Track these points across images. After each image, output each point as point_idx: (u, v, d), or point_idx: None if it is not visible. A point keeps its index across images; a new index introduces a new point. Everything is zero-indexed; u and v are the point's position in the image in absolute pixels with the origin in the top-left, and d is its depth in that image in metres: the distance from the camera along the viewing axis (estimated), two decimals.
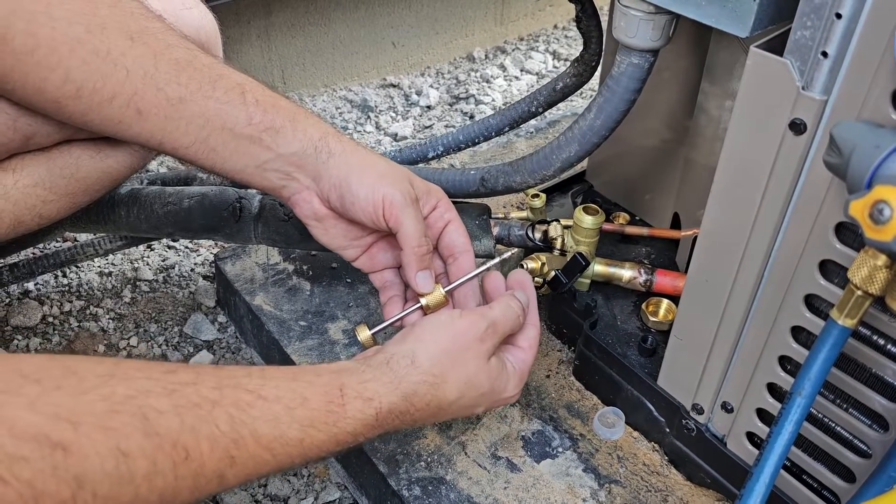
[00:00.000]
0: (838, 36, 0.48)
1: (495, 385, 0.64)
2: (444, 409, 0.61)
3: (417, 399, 0.58)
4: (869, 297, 0.47)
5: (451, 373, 0.60)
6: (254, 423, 0.48)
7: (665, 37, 0.68)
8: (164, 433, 0.42)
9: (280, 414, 0.49)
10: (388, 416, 0.56)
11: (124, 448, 0.40)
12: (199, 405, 0.45)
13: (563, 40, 1.99)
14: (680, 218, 0.94)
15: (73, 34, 0.57)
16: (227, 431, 0.46)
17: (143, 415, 0.42)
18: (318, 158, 0.65)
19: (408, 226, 0.65)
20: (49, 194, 0.65)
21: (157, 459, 0.41)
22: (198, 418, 0.45)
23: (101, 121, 0.60)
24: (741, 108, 0.56)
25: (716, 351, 0.67)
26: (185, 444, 0.43)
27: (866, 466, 0.58)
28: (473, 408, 0.64)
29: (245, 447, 0.47)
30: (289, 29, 1.55)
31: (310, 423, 0.51)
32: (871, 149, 0.42)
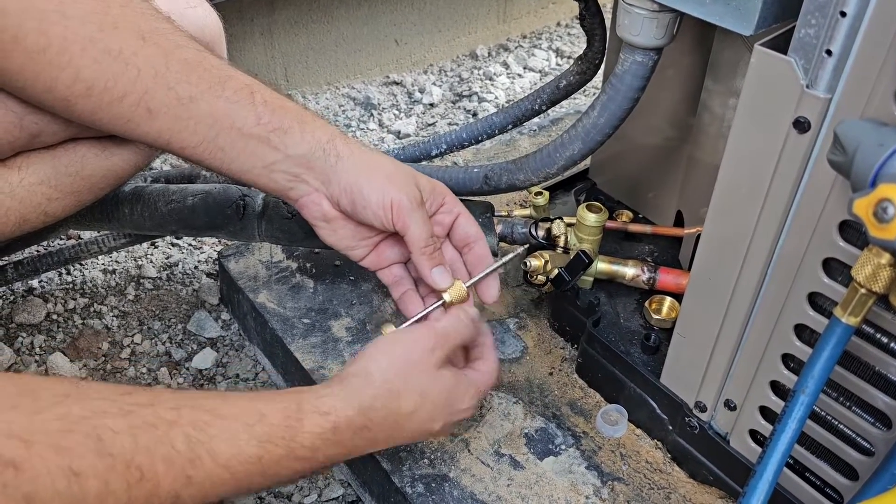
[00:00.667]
0: (843, 34, 0.48)
1: (450, 396, 0.64)
2: (402, 423, 0.61)
3: (374, 413, 0.58)
4: (872, 296, 0.47)
5: (405, 385, 0.61)
6: (211, 441, 0.47)
7: (669, 35, 0.68)
8: (118, 454, 0.42)
9: (238, 431, 0.49)
10: (347, 431, 0.56)
11: (76, 468, 0.40)
12: (155, 426, 0.45)
13: (565, 38, 1.99)
14: (683, 216, 0.94)
15: (85, 33, 0.57)
16: (184, 451, 0.46)
17: (97, 435, 0.42)
18: (326, 161, 0.66)
19: (413, 229, 0.66)
20: (54, 192, 0.65)
21: (110, 480, 0.41)
22: (154, 439, 0.45)
23: (110, 119, 0.60)
24: (745, 107, 0.56)
25: (719, 349, 0.67)
26: (139, 464, 0.43)
27: (869, 464, 0.58)
28: (431, 422, 0.63)
29: (202, 467, 0.46)
30: (292, 26, 1.55)
31: (268, 438, 0.51)
32: (875, 147, 0.42)
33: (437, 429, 0.64)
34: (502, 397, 0.82)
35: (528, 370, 0.86)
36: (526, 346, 0.89)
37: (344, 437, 0.56)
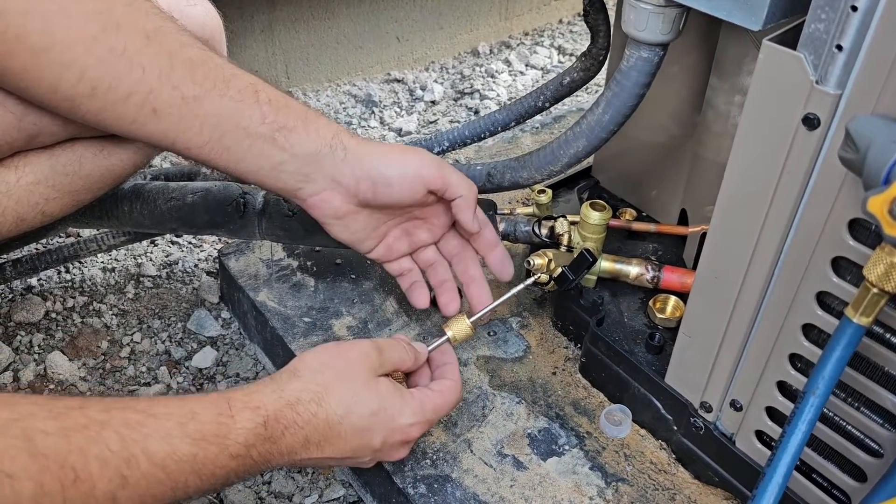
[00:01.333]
0: (854, 29, 0.47)
1: (387, 405, 0.63)
2: (335, 427, 0.60)
3: (302, 408, 0.58)
4: (885, 295, 0.46)
5: (334, 384, 0.61)
6: (145, 440, 0.47)
7: (675, 30, 0.67)
8: (51, 455, 0.42)
9: (171, 430, 0.49)
10: (277, 426, 0.56)
11: (8, 470, 0.39)
12: (87, 426, 0.45)
13: (568, 35, 1.98)
14: (687, 214, 0.93)
15: (90, 32, 0.57)
16: (118, 451, 0.45)
17: (27, 437, 0.41)
18: (334, 157, 0.66)
19: (453, 178, 0.68)
20: (52, 192, 0.65)
21: (44, 481, 0.41)
22: (86, 439, 0.44)
23: (115, 120, 0.60)
24: (753, 103, 0.55)
25: (725, 348, 0.66)
26: (73, 464, 0.43)
27: (878, 466, 0.57)
28: (368, 433, 0.62)
29: (137, 466, 0.46)
30: (292, 23, 1.54)
31: (201, 436, 0.51)
32: (888, 144, 0.42)
33: (376, 443, 0.63)
34: (505, 397, 0.81)
35: (530, 370, 0.85)
36: (529, 345, 0.88)
37: (275, 432, 0.56)
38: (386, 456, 0.66)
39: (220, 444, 0.52)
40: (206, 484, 0.52)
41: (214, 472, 0.52)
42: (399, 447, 0.66)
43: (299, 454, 0.59)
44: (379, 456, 0.66)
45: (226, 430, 0.53)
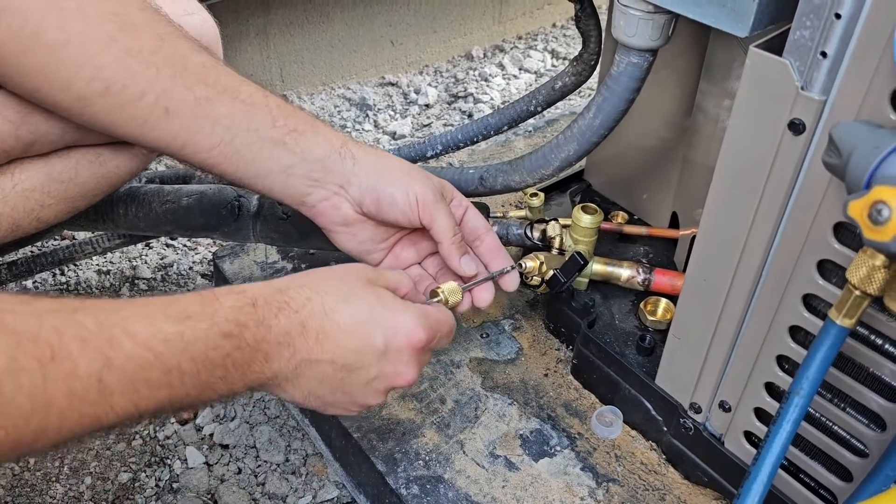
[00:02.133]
0: (837, 36, 0.48)
1: (386, 303, 0.58)
2: (332, 315, 0.55)
3: (294, 293, 0.55)
4: (867, 297, 0.47)
5: (327, 280, 0.57)
6: (125, 322, 0.44)
7: (664, 36, 0.68)
8: (23, 332, 0.39)
9: (152, 312, 0.46)
10: (269, 308, 0.52)
11: None
12: (59, 310, 0.42)
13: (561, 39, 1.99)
14: (678, 217, 0.94)
15: (106, 31, 0.57)
16: (97, 331, 0.42)
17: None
18: (343, 164, 0.66)
19: (441, 221, 0.66)
20: (47, 198, 0.65)
21: (17, 356, 0.38)
22: (61, 320, 0.41)
23: (126, 120, 0.60)
24: (740, 108, 0.56)
25: (714, 350, 0.67)
26: (48, 341, 0.40)
27: (864, 466, 0.58)
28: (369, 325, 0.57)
29: (120, 347, 0.43)
30: (287, 27, 1.55)
31: (186, 315, 0.47)
32: (870, 149, 0.42)
33: (380, 342, 0.57)
34: (497, 399, 0.82)
35: (523, 371, 0.86)
36: (521, 347, 0.89)
37: (267, 314, 0.52)
38: (393, 371, 0.59)
39: (209, 320, 0.48)
40: (205, 373, 0.48)
41: (208, 354, 0.48)
42: (406, 356, 0.59)
43: (298, 348, 0.54)
44: (385, 370, 0.58)
45: (212, 308, 0.49)
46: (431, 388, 0.82)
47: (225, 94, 0.62)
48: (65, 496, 0.87)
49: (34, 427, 0.39)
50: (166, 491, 0.88)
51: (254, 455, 0.91)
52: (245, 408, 0.96)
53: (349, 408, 0.60)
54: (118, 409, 0.43)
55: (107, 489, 0.88)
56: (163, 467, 0.90)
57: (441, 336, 0.62)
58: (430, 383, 0.83)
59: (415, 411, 0.80)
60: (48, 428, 0.40)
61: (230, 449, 0.92)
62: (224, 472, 0.89)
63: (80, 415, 0.41)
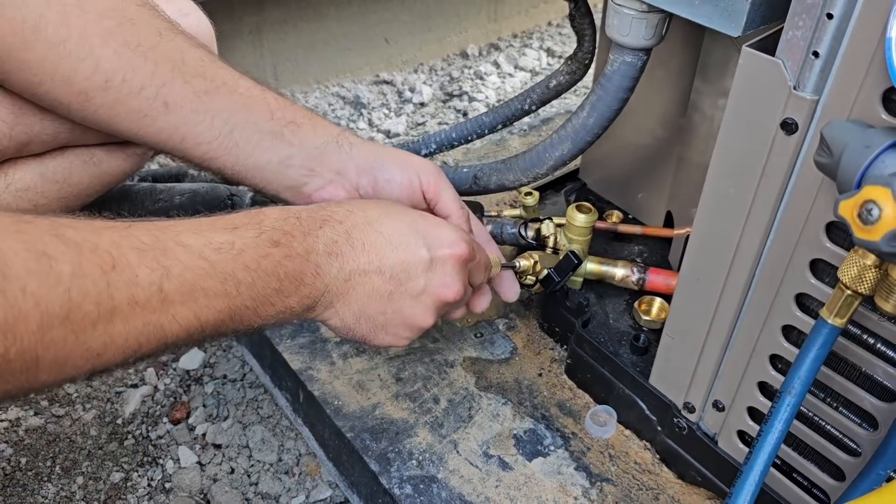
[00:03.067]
0: (829, 36, 0.48)
1: (426, 217, 0.61)
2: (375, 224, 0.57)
3: (334, 206, 0.57)
4: (858, 297, 0.47)
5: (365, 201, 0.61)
6: (178, 235, 0.46)
7: (658, 35, 0.68)
8: (83, 243, 0.41)
9: (202, 226, 0.48)
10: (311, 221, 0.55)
11: (43, 249, 0.38)
12: (112, 227, 0.43)
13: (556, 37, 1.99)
14: (673, 216, 0.94)
15: (105, 26, 0.58)
16: (152, 243, 0.44)
17: (55, 232, 0.40)
18: (340, 150, 0.66)
19: (448, 193, 0.68)
20: (41, 199, 0.65)
21: (82, 263, 0.40)
22: (117, 234, 0.43)
23: (126, 114, 0.60)
24: (733, 108, 0.56)
25: (707, 350, 0.67)
26: (107, 250, 0.41)
27: (856, 465, 0.58)
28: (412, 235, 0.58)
29: (176, 256, 0.44)
30: (281, 25, 1.54)
31: (234, 226, 0.50)
32: (861, 149, 0.42)
33: (424, 252, 0.58)
34: (491, 398, 0.82)
35: (517, 371, 0.86)
36: (515, 346, 0.89)
37: (312, 226, 0.54)
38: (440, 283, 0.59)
39: (256, 229, 0.50)
40: (260, 283, 0.49)
41: (260, 262, 0.49)
42: (450, 267, 0.60)
43: (346, 258, 0.55)
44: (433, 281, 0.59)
45: (258, 219, 0.51)
46: (425, 388, 0.82)
47: (223, 87, 0.62)
48: (56, 496, 0.86)
49: (101, 333, 0.40)
50: (159, 491, 0.88)
51: (247, 455, 0.91)
52: (238, 407, 0.96)
53: (400, 332, 0.61)
54: (180, 318, 0.44)
55: (99, 489, 0.88)
56: (155, 467, 0.90)
57: (478, 261, 0.64)
58: (424, 383, 0.83)
59: (408, 411, 0.80)
60: (114, 335, 0.41)
61: (223, 448, 0.91)
62: (217, 471, 0.89)
63: (144, 322, 0.42)
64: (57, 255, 0.39)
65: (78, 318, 0.39)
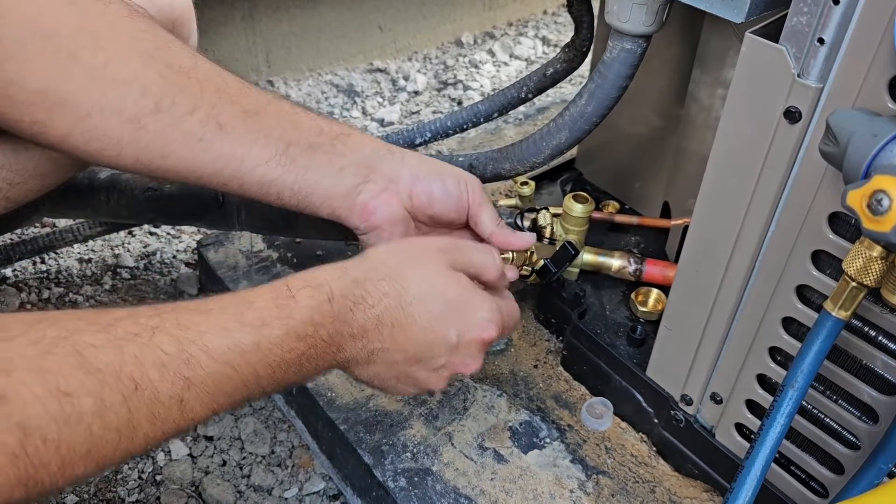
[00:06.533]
0: (835, 22, 0.47)
1: (466, 295, 0.58)
2: (408, 310, 0.55)
3: (371, 286, 0.54)
4: (863, 289, 0.46)
5: (407, 268, 0.57)
6: (202, 338, 0.45)
7: (658, 22, 0.67)
8: (105, 367, 0.40)
9: (228, 322, 0.47)
10: (344, 302, 0.52)
11: (65, 389, 0.38)
12: (137, 334, 0.43)
13: (552, 26, 1.97)
14: (670, 207, 0.93)
15: (142, 48, 0.56)
16: (175, 353, 0.43)
17: (78, 352, 0.40)
18: (393, 158, 0.66)
19: (487, 210, 0.68)
20: (16, 176, 0.63)
21: (104, 395, 0.40)
22: (139, 347, 0.42)
23: (182, 140, 0.57)
24: (735, 96, 0.55)
25: (705, 342, 0.66)
26: (130, 374, 0.41)
27: (855, 458, 0.58)
28: (444, 319, 0.57)
29: (199, 366, 0.44)
30: (274, 11, 1.52)
31: (261, 322, 0.48)
32: (868, 137, 0.42)
33: (452, 337, 0.57)
34: (486, 390, 0.81)
35: (512, 362, 0.85)
36: (510, 338, 0.88)
37: (343, 309, 0.52)
38: (460, 362, 0.59)
39: (284, 326, 0.49)
40: (280, 373, 0.49)
41: (284, 357, 0.49)
42: (475, 349, 0.60)
43: (372, 339, 0.55)
44: (453, 360, 0.59)
45: (287, 311, 0.50)
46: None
47: (269, 106, 0.61)
48: None
49: (121, 451, 0.41)
50: (149, 483, 0.87)
51: (239, 447, 0.90)
52: None
53: (409, 390, 0.61)
54: (198, 418, 0.45)
55: (88, 481, 0.87)
56: (146, 459, 0.89)
57: (508, 329, 0.63)
58: None
59: (402, 403, 0.79)
60: (134, 449, 0.42)
61: (215, 441, 0.90)
62: (208, 464, 0.88)
63: (164, 431, 0.43)
64: (78, 391, 0.39)
65: (99, 448, 0.40)
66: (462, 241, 0.64)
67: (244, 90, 0.61)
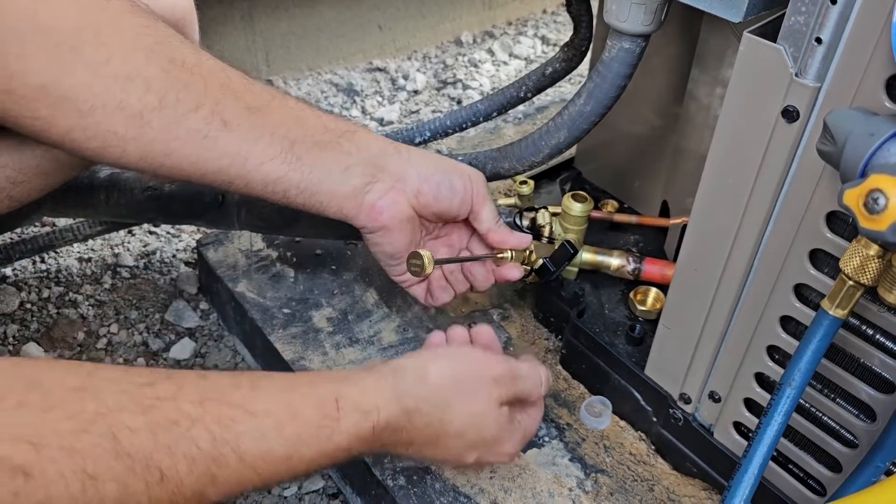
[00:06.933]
0: (833, 22, 0.47)
1: (500, 435, 0.62)
2: (441, 441, 0.58)
3: (418, 418, 0.56)
4: (860, 288, 0.46)
5: (458, 402, 0.58)
6: (237, 440, 0.45)
7: (657, 21, 0.67)
8: (136, 454, 0.40)
9: (267, 430, 0.47)
10: (385, 431, 0.54)
11: (92, 471, 0.38)
12: (176, 422, 0.43)
13: (551, 25, 1.98)
14: (668, 206, 0.93)
15: (145, 44, 0.55)
16: (208, 450, 0.44)
17: (113, 434, 0.40)
18: (399, 156, 0.65)
19: (488, 207, 0.70)
20: (19, 175, 0.63)
21: (129, 482, 0.40)
22: (175, 437, 0.42)
23: (186, 136, 0.57)
24: (733, 95, 0.55)
25: (704, 340, 0.66)
26: (159, 464, 0.41)
27: (853, 456, 0.58)
28: (468, 451, 0.61)
29: (227, 465, 0.44)
30: (273, 10, 1.52)
31: (298, 438, 0.49)
32: (865, 137, 0.42)
33: (470, 461, 0.62)
34: None
35: None
36: (510, 336, 0.88)
37: (381, 436, 0.54)
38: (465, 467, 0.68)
39: (319, 447, 0.50)
40: (298, 476, 0.52)
41: (308, 469, 0.50)
42: (482, 466, 0.68)
43: (396, 452, 0.59)
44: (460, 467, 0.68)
45: (328, 432, 0.50)
46: None
47: (273, 102, 0.61)
48: None
49: None
50: None
51: None
52: None
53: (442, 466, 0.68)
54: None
55: None
56: None
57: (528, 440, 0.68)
58: None
59: None
60: None
61: None
62: None
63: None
64: (104, 475, 0.39)
65: None
66: (515, 369, 0.64)
67: (248, 86, 0.60)
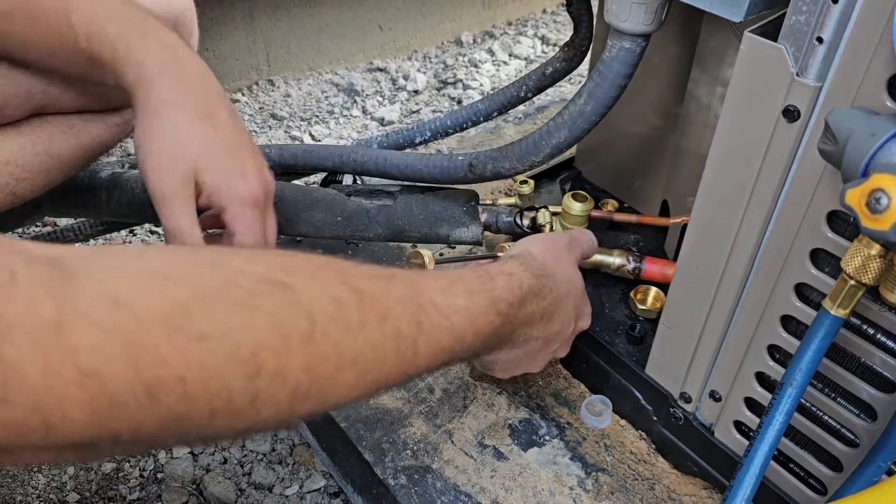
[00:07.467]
0: (834, 21, 0.47)
1: (584, 292, 0.70)
2: (559, 302, 0.63)
3: (544, 282, 0.61)
4: (862, 287, 0.46)
5: (557, 268, 0.65)
6: (428, 292, 0.49)
7: (658, 21, 0.67)
8: (363, 290, 0.43)
9: (446, 286, 0.51)
10: (529, 293, 0.59)
11: (336, 295, 0.41)
12: (377, 276, 0.46)
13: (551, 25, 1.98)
14: (669, 205, 0.93)
15: None
16: (411, 296, 0.47)
17: (342, 278, 0.43)
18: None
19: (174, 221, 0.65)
20: (22, 172, 0.64)
21: (364, 310, 0.42)
22: (382, 285, 0.45)
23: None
24: (734, 95, 0.55)
25: (704, 339, 0.66)
26: (381, 301, 0.44)
27: (854, 456, 0.58)
28: (575, 312, 0.67)
29: (427, 313, 0.47)
30: (274, 11, 1.52)
31: (470, 290, 0.53)
32: (867, 136, 0.42)
33: (572, 328, 0.68)
34: (486, 388, 0.81)
35: None
36: None
37: (527, 296, 0.59)
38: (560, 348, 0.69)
39: (489, 297, 0.54)
40: (479, 340, 0.53)
41: (483, 327, 0.53)
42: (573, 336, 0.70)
43: (534, 328, 0.62)
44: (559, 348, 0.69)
45: (490, 286, 0.55)
46: (420, 378, 0.81)
47: None
48: (47, 486, 0.86)
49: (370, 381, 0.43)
50: (150, 481, 0.87)
51: (240, 444, 0.90)
52: None
53: (515, 373, 0.68)
54: (421, 366, 0.47)
55: (90, 479, 0.87)
56: (147, 457, 0.89)
57: None
58: None
59: (403, 401, 0.79)
60: (380, 380, 0.44)
61: None
62: (209, 461, 0.88)
63: (400, 371, 0.45)
64: (347, 302, 0.41)
65: (362, 363, 0.42)
66: (573, 235, 0.73)
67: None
